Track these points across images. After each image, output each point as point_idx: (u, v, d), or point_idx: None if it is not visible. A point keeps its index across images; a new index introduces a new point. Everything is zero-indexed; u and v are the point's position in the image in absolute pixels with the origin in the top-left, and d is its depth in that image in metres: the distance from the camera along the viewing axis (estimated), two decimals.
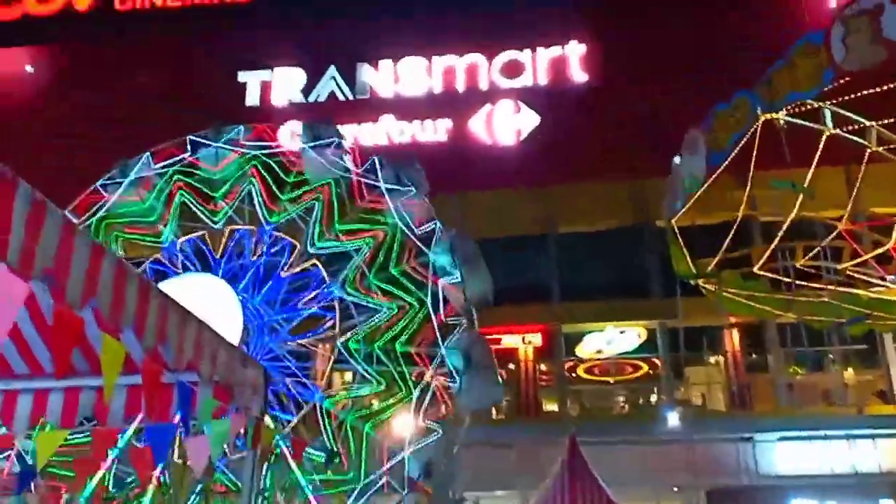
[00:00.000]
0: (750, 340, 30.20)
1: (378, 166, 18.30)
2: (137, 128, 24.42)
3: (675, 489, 27.73)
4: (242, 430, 6.82)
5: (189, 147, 19.13)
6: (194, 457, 6.45)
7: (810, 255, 17.13)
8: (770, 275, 18.18)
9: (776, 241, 16.72)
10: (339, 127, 31.62)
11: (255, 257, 18.43)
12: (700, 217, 19.69)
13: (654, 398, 31.85)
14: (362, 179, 18.42)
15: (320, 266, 18.26)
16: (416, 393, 16.86)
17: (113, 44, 35.93)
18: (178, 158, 19.08)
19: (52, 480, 13.44)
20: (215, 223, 18.91)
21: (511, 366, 31.28)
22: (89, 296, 4.55)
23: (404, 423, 16.87)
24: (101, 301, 4.67)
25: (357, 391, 17.88)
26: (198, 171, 19.24)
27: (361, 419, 17.19)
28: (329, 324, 17.89)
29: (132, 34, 36.49)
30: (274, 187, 19.06)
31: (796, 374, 30.17)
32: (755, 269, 17.75)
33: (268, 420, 15.19)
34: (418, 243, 17.74)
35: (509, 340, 31.13)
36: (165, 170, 19.03)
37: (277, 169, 19.13)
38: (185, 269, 18.40)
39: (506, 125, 33.21)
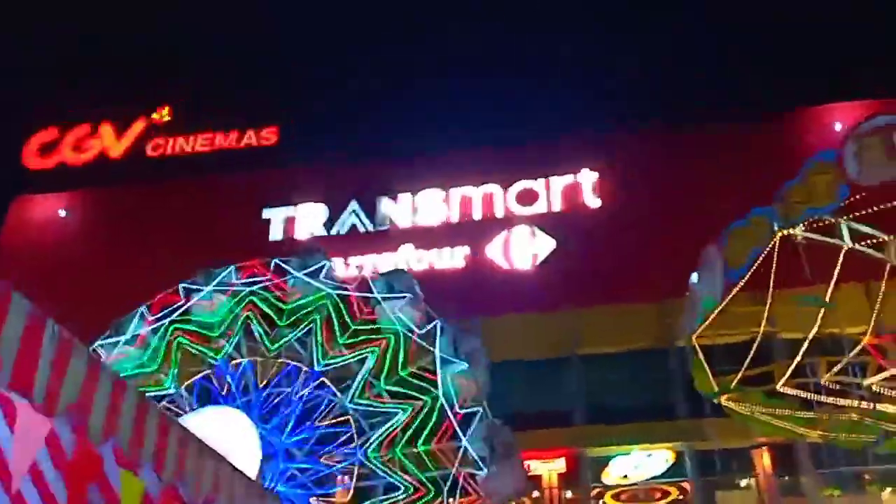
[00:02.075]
0: (781, 461, 29.32)
1: (370, 281, 18.83)
2: (166, 267, 24.66)
3: None
4: None
5: (182, 294, 19.43)
6: None
7: (835, 370, 16.84)
8: (794, 392, 17.87)
9: (798, 357, 16.49)
10: (360, 258, 32.51)
11: (262, 385, 18.48)
12: (721, 336, 19.52)
13: None
14: (357, 294, 18.72)
15: (329, 384, 18.30)
16: (445, 490, 16.67)
17: (144, 188, 36.89)
18: (171, 308, 19.33)
19: None
20: (216, 362, 18.96)
21: (535, 493, 30.52)
22: (111, 432, 4.56)
23: None
24: (121, 437, 4.67)
25: (387, 499, 17.60)
26: (193, 316, 19.41)
27: None
28: (345, 438, 17.85)
29: (162, 178, 37.48)
30: (274, 317, 19.25)
31: (832, 496, 29.15)
32: (777, 387, 17.46)
33: None
34: (421, 342, 17.85)
35: (533, 466, 30.45)
36: (160, 323, 19.21)
37: (273, 300, 19.36)
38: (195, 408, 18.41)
39: (522, 251, 33.55)
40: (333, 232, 35.52)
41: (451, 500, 16.76)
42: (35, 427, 3.92)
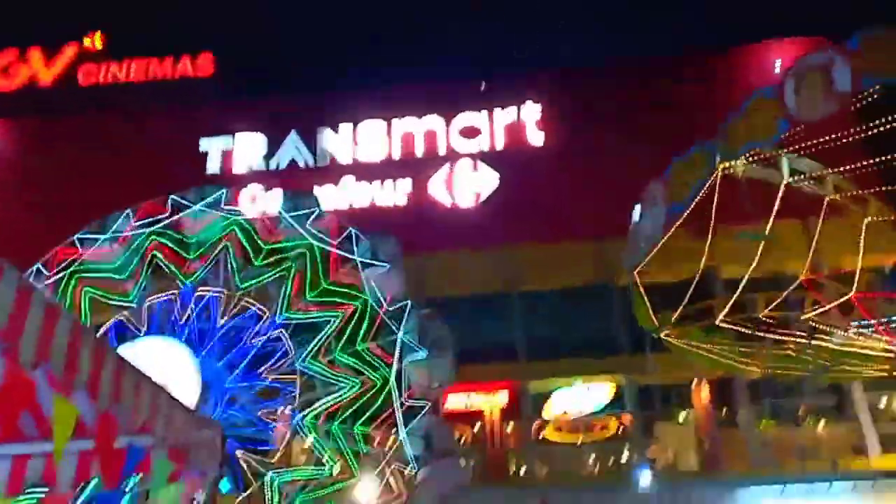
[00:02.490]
0: (720, 396, 29.96)
1: (354, 239, 18.13)
2: (99, 197, 24.11)
3: None
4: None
5: (170, 207, 18.93)
6: None
7: (772, 306, 17.12)
8: (733, 327, 18.15)
9: (738, 292, 16.72)
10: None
11: (222, 322, 18.12)
12: (663, 274, 19.69)
13: (625, 457, 31.49)
14: (338, 252, 18.25)
15: (286, 337, 17.96)
16: (372, 475, 16.53)
17: (75, 117, 35.85)
18: (157, 218, 18.85)
19: None
20: (186, 285, 18.59)
21: (477, 427, 30.90)
22: (42, 357, 4.39)
23: None
24: (54, 362, 4.50)
25: (311, 472, 17.38)
26: (175, 232, 18.94)
27: (315, 502, 16.79)
28: (289, 397, 17.60)
29: (95, 107, 36.47)
30: (250, 253, 18.83)
31: (768, 429, 29.94)
32: (717, 321, 17.72)
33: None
34: (388, 321, 17.52)
35: (475, 400, 30.78)
36: (143, 229, 18.75)
37: (254, 235, 18.87)
38: (150, 329, 18.09)
39: (465, 187, 33.45)
40: (273, 165, 35.07)
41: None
42: None
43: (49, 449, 5.56)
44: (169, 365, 14.49)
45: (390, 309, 17.40)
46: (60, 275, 18.43)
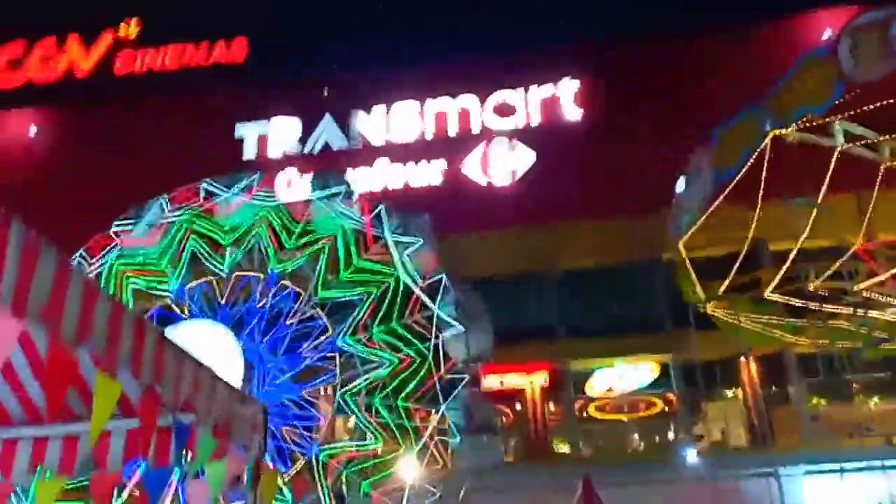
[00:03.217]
0: (768, 372, 29.44)
1: (385, 217, 18.19)
2: (137, 186, 24.20)
3: None
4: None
5: (203, 193, 19.25)
6: (195, 501, 6.13)
7: (824, 277, 16.62)
8: (783, 299, 17.68)
9: (788, 263, 16.28)
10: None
11: (261, 304, 18.22)
12: (710, 246, 19.27)
13: (670, 435, 31.13)
14: (370, 230, 18.28)
15: (322, 315, 18.03)
16: (416, 448, 16.58)
17: (112, 106, 36.05)
18: (191, 204, 19.22)
19: None
20: (223, 269, 18.74)
21: (518, 406, 30.69)
22: (84, 334, 4.24)
23: (403, 481, 16.56)
24: (96, 340, 4.36)
25: (356, 445, 17.47)
26: (209, 218, 19.31)
27: (359, 474, 16.87)
28: (329, 375, 17.68)
29: (131, 96, 36.63)
30: (282, 235, 18.98)
31: (819, 405, 29.39)
32: (766, 294, 17.26)
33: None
34: (422, 296, 17.52)
35: (515, 380, 30.56)
36: (179, 215, 19.16)
37: (287, 218, 19.11)
38: (192, 314, 18.31)
39: (500, 165, 33.13)
40: (307, 148, 35.02)
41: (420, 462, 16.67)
42: (6, 328, 3.59)
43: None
44: (213, 346, 14.52)
45: (425, 284, 17.49)
46: (101, 264, 18.86)
